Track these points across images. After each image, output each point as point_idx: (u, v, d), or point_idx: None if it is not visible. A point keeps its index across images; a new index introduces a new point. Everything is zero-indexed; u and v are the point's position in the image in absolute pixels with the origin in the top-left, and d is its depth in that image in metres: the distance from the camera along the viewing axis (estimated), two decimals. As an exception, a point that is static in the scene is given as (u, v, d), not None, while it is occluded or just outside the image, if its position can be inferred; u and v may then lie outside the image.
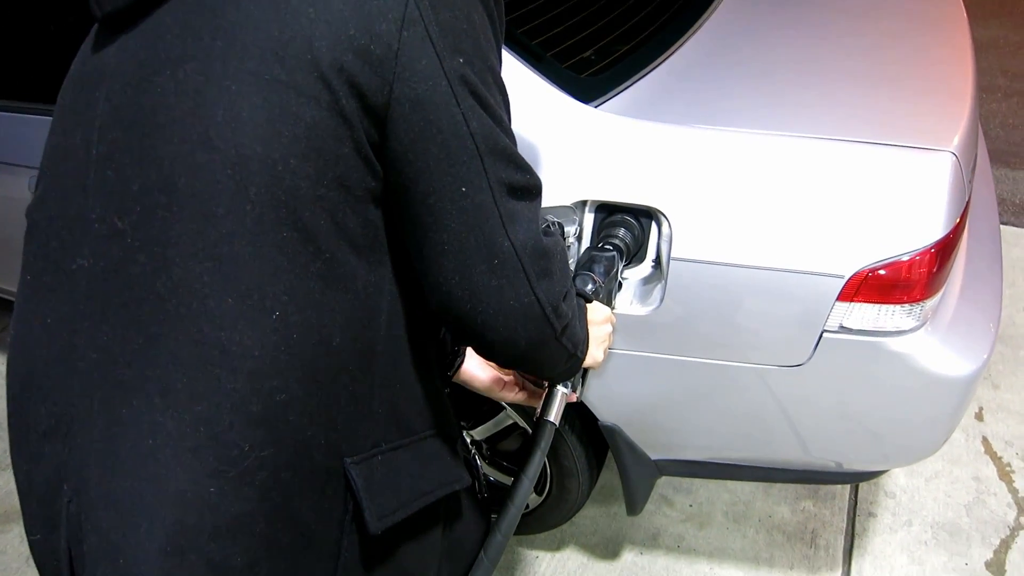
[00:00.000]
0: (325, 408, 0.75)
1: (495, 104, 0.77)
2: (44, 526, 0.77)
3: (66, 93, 0.80)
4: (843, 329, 1.28)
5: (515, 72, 1.33)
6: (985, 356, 1.34)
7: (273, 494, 0.72)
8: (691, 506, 1.99)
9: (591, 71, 1.44)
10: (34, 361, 0.77)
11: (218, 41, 0.68)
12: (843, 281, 1.24)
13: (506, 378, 1.16)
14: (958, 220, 1.26)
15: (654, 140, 1.29)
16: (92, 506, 0.71)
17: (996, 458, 2.09)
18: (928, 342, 1.29)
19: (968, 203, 1.33)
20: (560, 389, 1.14)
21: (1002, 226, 2.89)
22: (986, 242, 1.57)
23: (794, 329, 1.29)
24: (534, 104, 1.33)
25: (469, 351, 1.14)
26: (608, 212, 1.36)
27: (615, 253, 1.28)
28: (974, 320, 1.38)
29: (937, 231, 1.22)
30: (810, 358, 1.31)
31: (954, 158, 1.23)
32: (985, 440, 2.14)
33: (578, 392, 1.20)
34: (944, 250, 1.24)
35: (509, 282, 0.79)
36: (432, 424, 0.93)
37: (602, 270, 1.23)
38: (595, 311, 1.11)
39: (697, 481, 2.05)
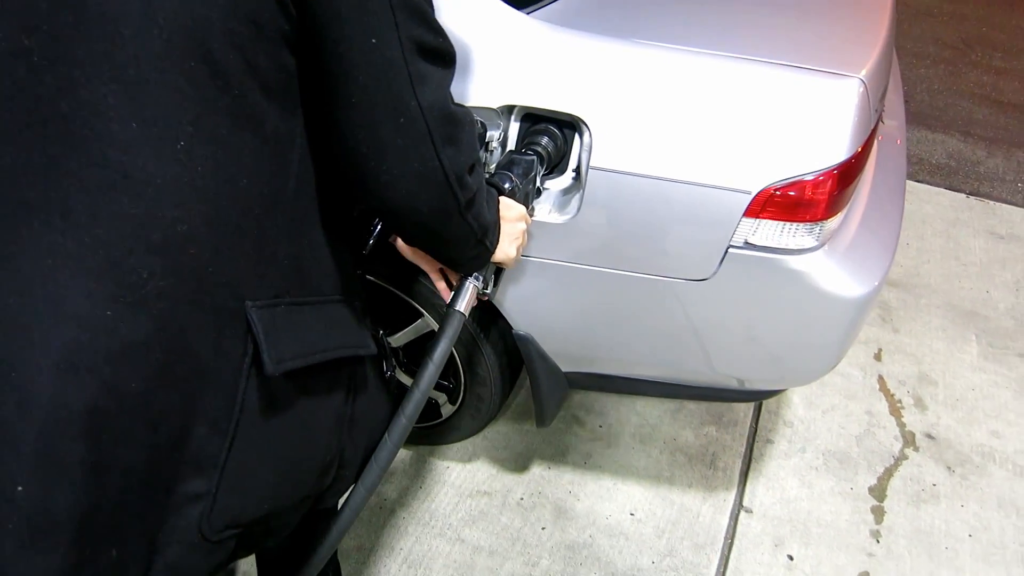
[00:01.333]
0: (228, 247, 0.75)
1: None
2: None
3: None
4: (748, 245, 1.33)
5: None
6: (877, 282, 1.41)
7: (171, 325, 0.72)
8: (600, 426, 2.06)
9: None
10: None
11: None
12: (750, 197, 1.28)
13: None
14: (862, 146, 1.31)
15: (579, 51, 1.30)
16: None
17: (889, 395, 2.22)
18: (826, 262, 1.35)
19: (874, 131, 1.39)
20: (471, 281, 1.16)
21: (918, 184, 3.03)
22: (891, 176, 1.64)
23: (702, 243, 1.34)
24: (466, 6, 1.33)
25: None
26: (534, 122, 1.37)
27: (535, 158, 1.29)
28: (871, 247, 1.45)
29: (840, 154, 1.27)
30: (715, 272, 1.36)
31: (862, 85, 1.27)
32: (881, 378, 2.27)
33: (489, 289, 1.23)
34: (846, 173, 1.30)
35: (414, 143, 0.80)
36: (339, 290, 0.94)
37: (520, 171, 1.24)
38: (508, 207, 1.13)
39: (608, 403, 2.12)
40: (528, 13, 1.35)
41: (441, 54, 0.82)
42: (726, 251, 1.34)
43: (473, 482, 1.90)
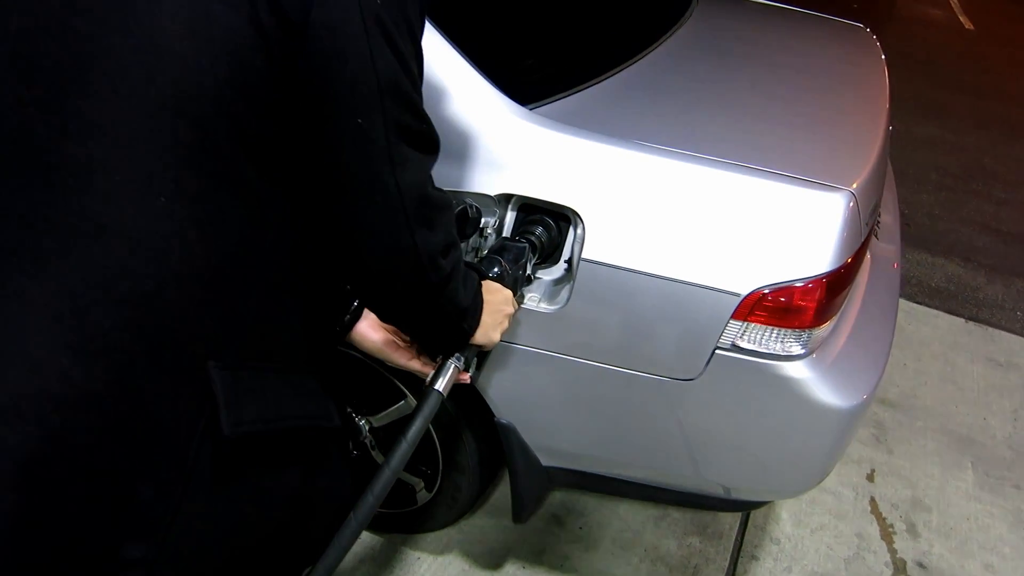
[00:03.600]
0: (195, 307, 0.75)
1: (406, 53, 0.80)
2: None
3: None
4: (735, 348, 1.32)
5: (458, 68, 1.36)
6: (865, 396, 1.39)
7: (127, 379, 0.71)
8: (581, 528, 1.99)
9: (533, 77, 1.48)
10: None
11: None
12: (738, 299, 1.28)
13: (400, 343, 1.17)
14: (851, 257, 1.32)
15: (577, 148, 1.33)
16: None
17: (881, 518, 2.15)
18: (813, 371, 1.34)
19: (865, 245, 1.40)
20: (452, 361, 1.15)
21: (916, 305, 3.03)
22: (883, 294, 1.65)
23: (689, 342, 1.33)
24: (472, 99, 1.36)
25: (367, 312, 1.14)
26: (530, 212, 1.39)
27: (527, 245, 1.30)
28: (860, 360, 1.44)
29: (829, 263, 1.28)
30: (701, 373, 1.35)
31: (852, 198, 1.29)
32: (873, 500, 2.20)
33: (471, 371, 1.21)
34: (836, 283, 1.30)
35: (389, 221, 0.82)
36: (308, 360, 0.93)
37: (510, 257, 1.25)
38: (493, 291, 1.13)
39: (590, 504, 2.05)
40: (531, 108, 1.39)
41: (424, 140, 0.85)
42: (713, 352, 1.33)
43: (444, 576, 1.83)
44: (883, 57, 2.05)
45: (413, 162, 0.82)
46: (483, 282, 1.12)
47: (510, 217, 1.40)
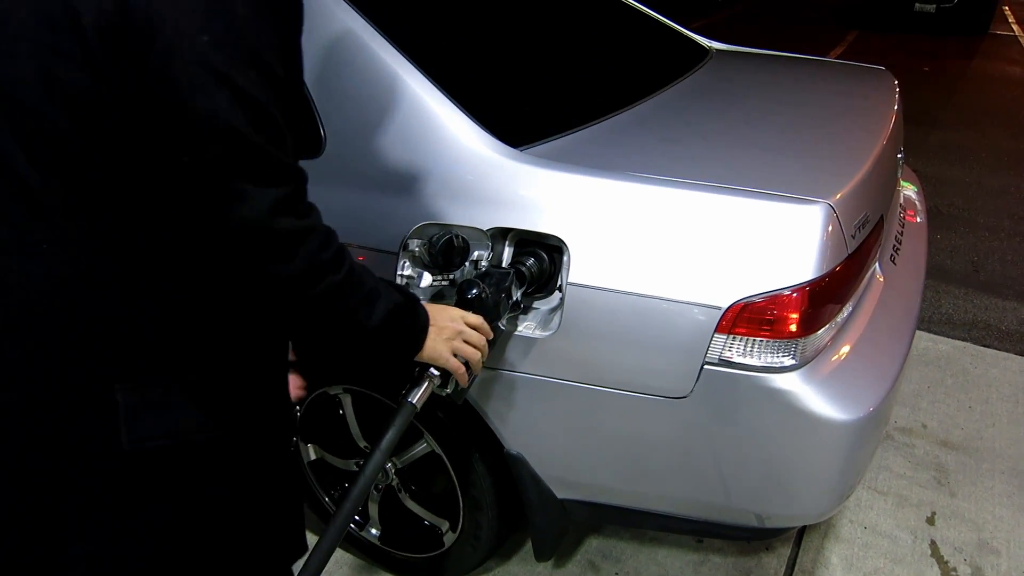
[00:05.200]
0: (90, 329, 0.85)
1: (248, 86, 0.80)
2: None
3: None
4: (723, 362, 1.34)
5: (453, 117, 1.49)
6: (867, 411, 1.37)
7: (36, 401, 0.82)
8: (616, 574, 1.96)
9: (525, 122, 1.60)
10: None
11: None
12: (720, 312, 1.31)
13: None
14: (838, 268, 1.34)
15: (560, 182, 1.42)
16: None
17: (942, 562, 2.02)
18: (806, 382, 1.34)
19: (859, 258, 1.41)
20: (428, 376, 1.22)
21: (984, 348, 2.91)
22: (895, 315, 1.62)
23: (677, 358, 1.36)
24: (466, 140, 1.48)
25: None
26: (526, 245, 1.48)
27: (511, 272, 1.38)
28: (863, 375, 1.42)
29: (807, 273, 1.30)
30: (693, 390, 1.36)
31: (829, 210, 1.32)
32: (933, 543, 2.08)
33: (450, 388, 1.28)
34: (820, 293, 1.31)
35: (232, 251, 0.85)
36: (226, 370, 0.99)
37: (492, 282, 1.33)
38: (438, 310, 1.20)
39: (628, 549, 2.03)
40: (521, 150, 1.50)
41: (266, 171, 0.84)
42: (701, 368, 1.35)
43: (475, 621, 1.83)
44: (896, 93, 2.07)
45: (252, 195, 0.82)
46: (429, 303, 1.19)
47: (508, 252, 1.49)
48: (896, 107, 1.94)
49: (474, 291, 1.28)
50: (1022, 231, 4.14)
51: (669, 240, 1.35)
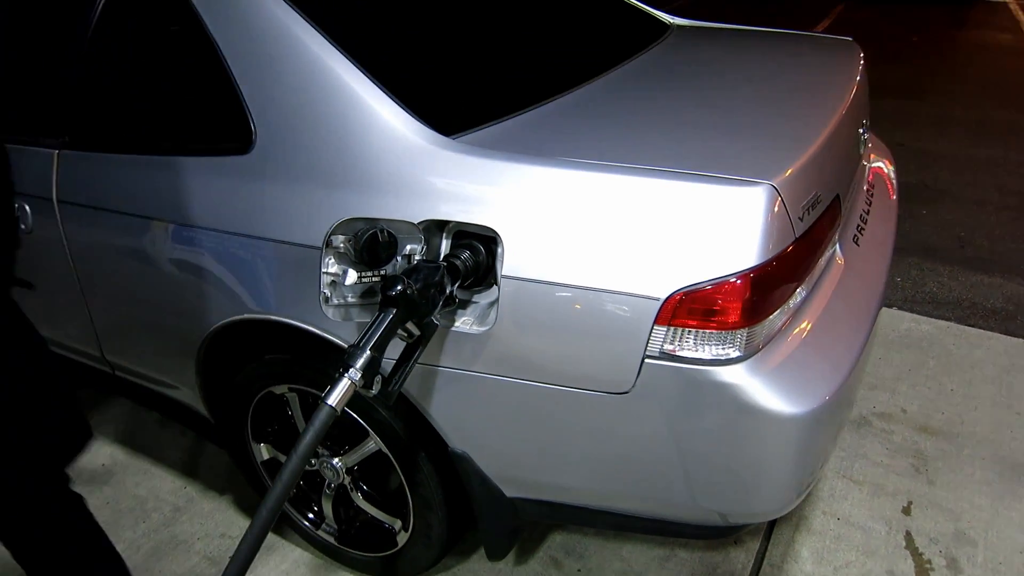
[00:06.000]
0: None
1: None
2: None
3: None
4: (664, 355, 1.27)
5: (382, 104, 1.42)
6: (818, 403, 1.30)
7: None
8: (579, 571, 1.91)
9: (458, 110, 1.52)
10: None
11: None
12: (659, 303, 1.24)
13: None
14: (782, 253, 1.27)
15: (490, 170, 1.35)
16: None
17: (916, 554, 1.96)
18: (753, 375, 1.27)
19: (808, 241, 1.33)
20: (347, 376, 1.16)
21: (968, 327, 2.85)
22: (854, 301, 1.55)
23: (616, 352, 1.29)
24: (397, 129, 1.41)
25: None
26: (462, 238, 1.41)
27: (443, 266, 1.31)
28: (815, 366, 1.35)
29: (750, 259, 1.23)
30: (635, 384, 1.30)
31: (772, 191, 1.25)
32: (908, 534, 2.02)
33: (374, 388, 1.22)
34: (764, 280, 1.24)
35: None
36: None
37: (420, 277, 1.26)
38: None
39: (591, 545, 1.97)
40: (453, 138, 1.42)
41: None
42: (642, 361, 1.28)
43: (431, 622, 1.78)
44: (860, 65, 1.99)
45: None
46: None
47: (445, 245, 1.42)
48: (858, 79, 1.86)
49: (398, 287, 1.22)
50: (1010, 204, 4.05)
51: (604, 228, 1.28)
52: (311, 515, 1.92)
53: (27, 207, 1.94)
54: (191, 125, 1.66)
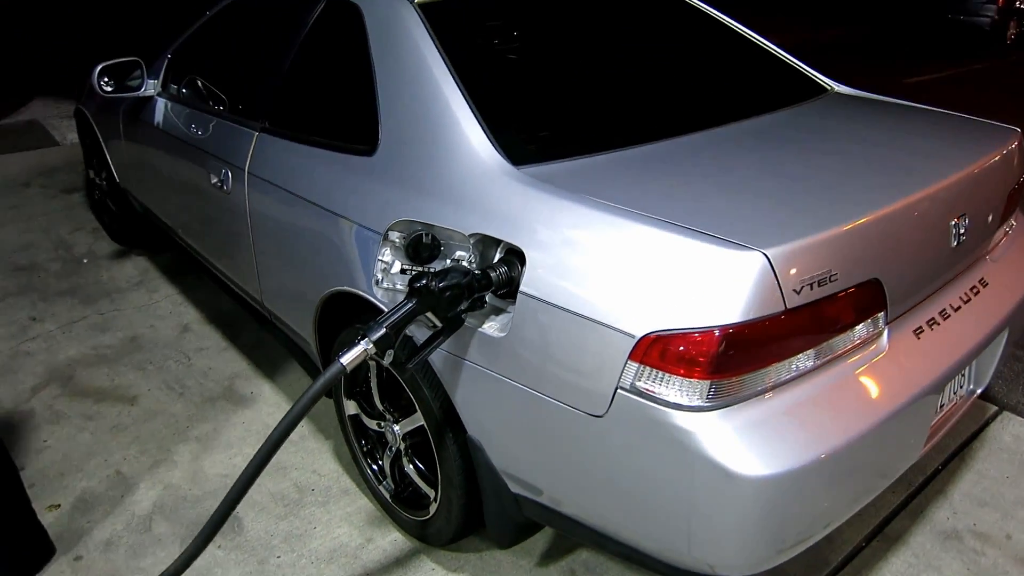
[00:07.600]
0: None
1: None
2: None
3: None
4: (635, 389, 1.38)
5: (472, 127, 1.69)
6: (786, 468, 1.33)
7: None
8: (593, 588, 2.01)
9: (536, 142, 1.74)
10: None
11: None
12: (634, 340, 1.36)
13: None
14: (764, 319, 1.32)
15: (532, 199, 1.55)
16: None
17: None
18: (712, 427, 1.33)
19: (799, 313, 1.36)
20: (363, 343, 1.42)
21: None
22: (882, 391, 1.52)
23: (594, 377, 1.42)
24: (473, 153, 1.67)
25: None
26: (508, 253, 1.61)
27: (472, 272, 1.52)
28: (791, 434, 1.37)
29: (726, 317, 1.30)
30: (608, 411, 1.42)
31: (762, 259, 1.31)
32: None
33: (386, 358, 1.46)
34: (736, 340, 1.31)
35: None
36: None
37: (446, 278, 1.48)
38: None
39: (612, 569, 2.06)
40: (519, 167, 1.64)
41: None
42: (616, 391, 1.40)
43: (444, 590, 1.98)
44: (995, 155, 1.87)
45: None
46: None
47: (497, 257, 1.64)
48: (974, 169, 1.76)
49: (421, 282, 1.46)
50: None
51: (607, 266, 1.42)
52: (376, 468, 2.21)
53: (229, 173, 2.45)
54: (341, 126, 2.05)
